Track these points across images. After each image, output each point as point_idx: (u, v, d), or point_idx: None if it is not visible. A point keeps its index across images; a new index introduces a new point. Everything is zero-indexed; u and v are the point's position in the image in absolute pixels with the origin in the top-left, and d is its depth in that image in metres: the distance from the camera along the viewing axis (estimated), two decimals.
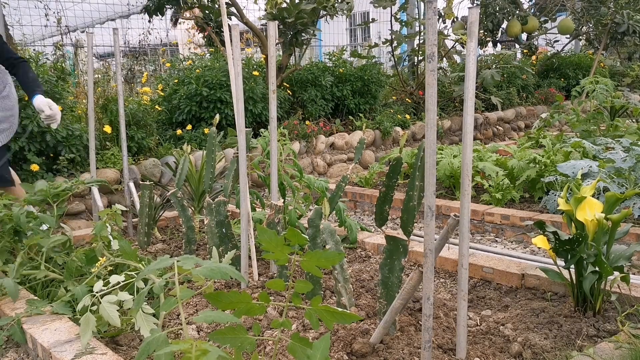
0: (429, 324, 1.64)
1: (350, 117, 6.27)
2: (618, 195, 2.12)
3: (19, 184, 3.18)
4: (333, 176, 5.67)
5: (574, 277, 2.10)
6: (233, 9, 5.60)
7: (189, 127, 5.08)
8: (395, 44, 6.81)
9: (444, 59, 7.65)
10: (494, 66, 7.55)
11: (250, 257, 2.57)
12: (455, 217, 1.64)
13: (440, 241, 1.67)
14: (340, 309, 1.24)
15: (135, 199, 3.37)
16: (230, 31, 2.41)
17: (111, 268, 2.33)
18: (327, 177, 5.63)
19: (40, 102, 2.99)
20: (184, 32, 7.60)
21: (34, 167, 3.83)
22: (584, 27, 8.76)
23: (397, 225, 3.77)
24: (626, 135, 4.79)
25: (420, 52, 7.01)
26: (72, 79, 5.38)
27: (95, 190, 3.38)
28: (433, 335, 1.84)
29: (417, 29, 6.92)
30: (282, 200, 2.84)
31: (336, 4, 5.65)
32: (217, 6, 5.75)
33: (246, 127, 2.52)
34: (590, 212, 2.04)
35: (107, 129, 4.33)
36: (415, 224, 1.88)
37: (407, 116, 6.59)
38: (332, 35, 8.80)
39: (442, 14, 7.13)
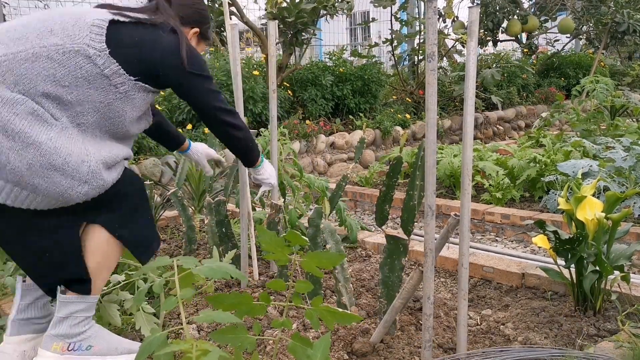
0: (429, 323, 1.64)
1: (351, 116, 6.26)
2: (618, 195, 2.12)
3: None
4: (333, 175, 5.67)
5: (574, 277, 2.10)
6: (233, 9, 5.60)
7: (189, 126, 5.08)
8: (395, 43, 6.81)
9: (444, 58, 7.65)
10: (494, 65, 7.55)
11: (250, 257, 2.57)
12: (456, 216, 1.64)
13: (440, 240, 1.67)
14: (341, 310, 1.24)
15: None
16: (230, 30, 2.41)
17: None
18: (327, 177, 5.63)
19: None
20: None
21: None
22: (584, 26, 8.76)
23: (398, 224, 3.77)
24: (626, 135, 4.78)
25: (420, 52, 7.01)
26: None
27: None
28: (433, 335, 1.84)
29: (417, 28, 6.92)
30: (283, 199, 2.84)
31: (336, 4, 5.65)
32: (217, 5, 5.75)
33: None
34: (591, 211, 2.04)
35: None
36: (415, 223, 1.88)
37: (407, 115, 6.58)
38: (332, 35, 8.79)
39: (442, 13, 7.13)
